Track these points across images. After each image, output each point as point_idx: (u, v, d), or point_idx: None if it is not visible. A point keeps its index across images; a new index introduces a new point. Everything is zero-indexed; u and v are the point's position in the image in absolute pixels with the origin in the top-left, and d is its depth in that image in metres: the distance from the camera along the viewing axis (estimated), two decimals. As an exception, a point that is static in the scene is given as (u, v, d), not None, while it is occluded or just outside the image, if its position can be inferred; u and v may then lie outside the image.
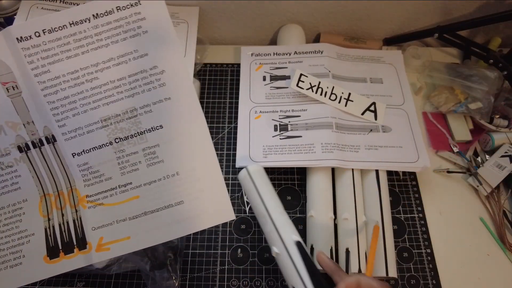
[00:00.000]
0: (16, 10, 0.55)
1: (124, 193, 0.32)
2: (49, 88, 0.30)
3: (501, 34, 0.65)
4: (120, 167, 0.32)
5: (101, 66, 0.30)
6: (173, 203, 0.32)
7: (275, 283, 0.46)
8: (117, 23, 0.30)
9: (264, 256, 0.48)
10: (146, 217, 0.32)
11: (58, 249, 0.31)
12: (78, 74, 0.30)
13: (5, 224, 0.31)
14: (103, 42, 0.30)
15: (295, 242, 0.36)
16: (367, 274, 0.38)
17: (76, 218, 0.32)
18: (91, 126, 0.31)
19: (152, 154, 0.32)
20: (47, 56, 0.29)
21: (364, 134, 0.53)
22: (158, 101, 0.31)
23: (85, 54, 0.30)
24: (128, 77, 0.31)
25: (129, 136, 0.32)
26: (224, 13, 0.63)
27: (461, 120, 0.58)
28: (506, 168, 0.52)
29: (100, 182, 0.32)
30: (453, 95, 0.58)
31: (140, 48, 0.30)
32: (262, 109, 0.56)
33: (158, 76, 0.31)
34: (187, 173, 0.32)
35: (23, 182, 0.31)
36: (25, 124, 0.30)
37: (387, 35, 0.68)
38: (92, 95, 0.30)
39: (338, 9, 0.62)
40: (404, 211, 0.51)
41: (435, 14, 0.63)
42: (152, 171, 0.32)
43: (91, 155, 0.31)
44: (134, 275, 0.46)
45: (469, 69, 0.58)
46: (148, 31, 0.30)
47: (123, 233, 0.32)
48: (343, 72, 0.59)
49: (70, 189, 0.32)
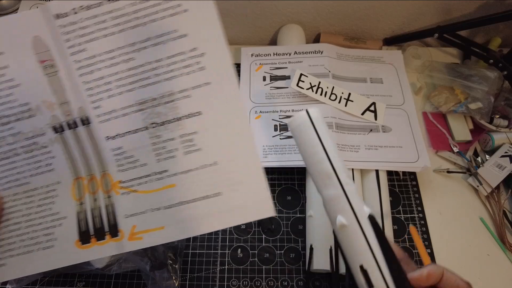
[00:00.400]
0: (16, 10, 0.55)
1: (160, 181, 0.30)
2: (84, 67, 0.29)
3: (501, 34, 0.65)
4: (155, 154, 0.30)
5: (138, 46, 0.28)
6: (211, 194, 0.30)
7: (275, 283, 0.46)
8: (156, 1, 0.28)
9: (264, 256, 0.48)
10: (182, 207, 0.30)
11: (89, 234, 0.30)
12: (114, 54, 0.29)
13: (39, 205, 0.30)
14: (140, 21, 0.28)
15: (369, 215, 0.30)
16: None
17: (109, 204, 0.30)
18: (126, 109, 0.29)
19: (189, 141, 0.30)
20: (83, 34, 0.28)
21: (364, 134, 0.53)
22: (197, 85, 0.29)
23: (122, 33, 0.28)
24: (166, 58, 0.29)
25: (166, 121, 0.30)
26: (224, 13, 0.63)
27: (461, 120, 0.58)
28: (506, 168, 0.52)
29: (134, 168, 0.30)
30: (453, 95, 0.58)
31: (179, 28, 0.28)
32: (262, 109, 0.56)
33: (198, 59, 0.29)
34: (226, 163, 0.30)
35: (57, 164, 0.30)
36: (61, 104, 0.29)
37: (387, 35, 0.68)
38: (128, 76, 0.29)
39: (338, 9, 0.62)
40: (404, 211, 0.51)
41: (435, 14, 0.63)
42: (189, 159, 0.30)
43: (125, 140, 0.30)
44: (134, 275, 0.46)
45: (469, 69, 0.58)
46: (189, 9, 0.28)
47: (157, 223, 0.30)
48: (343, 72, 0.59)
49: (103, 173, 0.30)
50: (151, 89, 0.29)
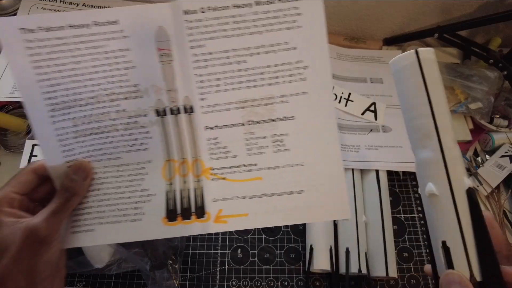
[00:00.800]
0: (16, 10, 0.55)
1: (248, 173, 0.33)
2: (200, 61, 0.31)
3: (501, 34, 0.65)
4: (247, 148, 0.33)
5: (251, 51, 0.31)
6: (294, 190, 0.33)
7: (275, 283, 0.46)
8: (276, 13, 0.31)
9: (264, 256, 0.48)
10: (266, 198, 0.32)
11: (176, 213, 0.32)
12: (229, 54, 0.31)
13: (129, 180, 0.32)
14: (258, 29, 0.31)
15: (468, 188, 0.26)
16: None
17: (198, 188, 0.32)
18: (229, 105, 0.32)
19: (279, 141, 0.33)
20: (205, 32, 0.31)
21: (364, 134, 0.53)
22: (296, 93, 0.32)
23: (239, 37, 0.31)
24: (274, 66, 0.32)
25: (261, 121, 0.33)
26: (224, 13, 0.63)
27: (461, 120, 0.58)
28: (506, 168, 0.52)
29: (226, 158, 0.33)
30: (453, 95, 0.58)
31: (291, 41, 0.31)
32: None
33: (301, 70, 0.32)
34: (311, 165, 0.33)
35: (151, 144, 0.32)
36: (168, 90, 0.31)
37: (387, 35, 0.68)
38: (237, 76, 0.32)
39: (338, 9, 0.62)
40: (404, 211, 0.51)
41: (435, 14, 0.63)
42: (278, 157, 0.33)
43: (222, 131, 0.33)
44: (134, 275, 0.46)
45: (469, 69, 0.58)
46: (302, 26, 0.31)
47: (242, 210, 0.32)
48: (343, 72, 0.59)
49: (195, 159, 0.32)
50: (255, 91, 0.32)
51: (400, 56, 0.28)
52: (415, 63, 0.27)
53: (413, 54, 0.27)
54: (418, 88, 0.27)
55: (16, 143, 0.56)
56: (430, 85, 0.27)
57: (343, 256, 0.44)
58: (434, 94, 0.27)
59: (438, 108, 0.27)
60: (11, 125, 0.55)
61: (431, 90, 0.27)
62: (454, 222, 0.26)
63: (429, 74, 0.27)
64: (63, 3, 0.58)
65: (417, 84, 0.27)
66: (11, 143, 0.56)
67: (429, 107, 0.27)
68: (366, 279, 0.45)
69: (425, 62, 0.27)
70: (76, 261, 0.43)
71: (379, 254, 0.44)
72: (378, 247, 0.44)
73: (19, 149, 0.55)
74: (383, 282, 0.46)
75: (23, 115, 0.57)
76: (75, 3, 0.58)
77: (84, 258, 0.43)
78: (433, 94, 0.27)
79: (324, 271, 0.45)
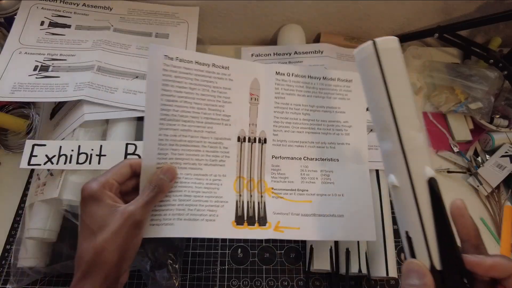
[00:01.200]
0: (16, 10, 0.55)
1: (301, 196, 0.41)
2: (279, 108, 0.42)
3: (501, 34, 0.65)
4: (301, 177, 0.42)
5: (315, 108, 0.44)
6: (336, 214, 0.41)
7: (275, 283, 0.46)
8: (335, 87, 0.44)
9: (264, 256, 0.48)
10: (314, 217, 0.40)
11: (243, 219, 0.38)
12: (299, 107, 0.43)
13: (206, 187, 0.38)
14: (321, 95, 0.44)
15: (428, 179, 0.26)
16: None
17: (261, 202, 0.40)
18: (292, 143, 0.43)
19: (326, 176, 0.43)
20: (287, 89, 0.43)
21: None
22: (341, 143, 0.43)
23: (308, 97, 0.44)
24: (328, 121, 0.44)
25: (314, 158, 0.43)
26: (224, 13, 0.63)
27: (461, 120, 0.58)
28: (506, 168, 0.52)
29: (284, 182, 0.42)
30: (453, 95, 0.58)
31: (342, 107, 0.44)
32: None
33: (347, 127, 0.44)
34: (349, 196, 0.42)
35: (228, 162, 0.39)
36: (250, 124, 0.41)
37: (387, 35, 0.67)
38: (302, 124, 0.43)
39: (338, 9, 0.62)
40: (404, 211, 0.51)
41: (435, 14, 0.63)
42: (324, 187, 0.42)
43: (283, 161, 0.42)
44: (135, 275, 0.46)
45: (469, 69, 0.58)
46: (350, 99, 0.44)
47: (295, 224, 0.40)
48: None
49: (260, 180, 0.41)
50: (312, 136, 0.43)
51: (360, 48, 0.28)
52: (373, 54, 0.27)
53: (371, 45, 0.27)
54: (376, 80, 0.27)
55: (16, 143, 0.56)
56: (388, 76, 0.26)
57: (343, 256, 0.44)
58: (394, 85, 0.26)
59: (398, 99, 0.26)
60: (11, 125, 0.55)
61: (390, 81, 0.26)
62: (414, 213, 0.26)
63: (388, 64, 0.26)
64: (63, 3, 0.58)
65: (376, 76, 0.27)
66: (11, 143, 0.56)
67: (387, 99, 0.26)
68: (366, 279, 0.45)
69: (383, 53, 0.27)
70: (76, 261, 0.43)
71: (379, 254, 0.44)
72: (378, 247, 0.44)
73: (19, 149, 0.55)
74: (383, 282, 0.46)
75: (23, 115, 0.57)
76: (75, 3, 0.58)
77: (84, 258, 0.43)
78: (392, 85, 0.26)
79: (324, 271, 0.45)
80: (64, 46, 0.53)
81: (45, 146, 0.43)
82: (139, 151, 0.44)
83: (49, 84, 0.48)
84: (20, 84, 0.48)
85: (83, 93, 0.47)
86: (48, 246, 0.44)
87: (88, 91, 0.47)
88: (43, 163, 0.42)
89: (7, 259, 0.47)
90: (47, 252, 0.44)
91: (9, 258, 0.47)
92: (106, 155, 0.44)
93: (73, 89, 0.48)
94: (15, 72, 0.49)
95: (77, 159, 0.43)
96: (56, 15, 0.56)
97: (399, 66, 0.27)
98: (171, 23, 0.59)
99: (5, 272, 0.46)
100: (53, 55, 0.52)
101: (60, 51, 0.52)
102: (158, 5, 0.61)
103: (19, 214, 0.51)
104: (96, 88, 0.48)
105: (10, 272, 0.44)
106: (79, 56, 0.52)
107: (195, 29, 0.59)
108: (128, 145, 0.45)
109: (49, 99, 0.48)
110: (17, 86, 0.48)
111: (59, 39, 0.54)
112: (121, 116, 0.48)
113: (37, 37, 0.53)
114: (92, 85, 0.48)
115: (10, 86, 0.47)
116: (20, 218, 0.50)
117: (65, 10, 0.57)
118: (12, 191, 0.52)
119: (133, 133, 0.48)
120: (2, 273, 0.46)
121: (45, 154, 0.42)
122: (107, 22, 0.57)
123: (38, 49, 0.52)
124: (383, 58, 0.27)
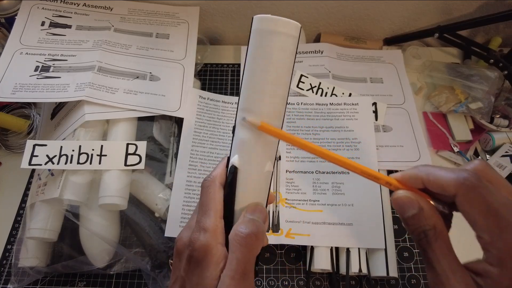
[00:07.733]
0: (17, 10, 0.55)
1: (312, 206, 0.45)
2: (290, 131, 0.49)
3: (502, 34, 0.65)
4: (313, 188, 0.46)
5: (324, 128, 0.50)
6: (345, 223, 0.44)
7: (276, 283, 0.46)
8: (342, 110, 0.51)
9: (265, 255, 0.48)
10: (324, 225, 0.44)
11: None
12: (309, 129, 0.50)
13: None
14: (329, 117, 0.51)
15: (231, 167, 0.26)
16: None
17: (275, 211, 0.45)
18: (304, 159, 0.48)
19: (337, 187, 0.46)
20: (297, 114, 0.51)
21: (365, 134, 0.54)
22: (351, 157, 0.47)
23: (317, 120, 0.51)
24: (338, 139, 0.49)
25: (326, 172, 0.47)
26: (224, 13, 0.63)
27: (462, 120, 0.58)
28: (507, 168, 0.52)
29: (297, 193, 0.46)
30: (453, 95, 0.58)
31: (350, 126, 0.50)
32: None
33: (356, 143, 0.49)
34: (359, 206, 0.45)
35: None
36: None
37: (387, 35, 0.68)
38: (320, 142, 0.49)
39: (338, 9, 0.62)
40: (405, 210, 0.51)
41: (435, 14, 0.63)
42: (335, 198, 0.46)
43: (297, 175, 0.47)
44: (135, 275, 0.46)
45: (470, 69, 0.58)
46: (358, 119, 0.50)
47: (306, 231, 0.44)
48: (343, 72, 0.59)
49: (275, 191, 0.46)
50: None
51: (276, 19, 0.23)
52: (289, 36, 0.23)
53: (297, 27, 0.24)
54: (265, 57, 0.24)
55: (17, 143, 0.56)
56: (250, 58, 0.24)
57: (343, 255, 0.44)
58: (251, 68, 0.24)
59: (249, 82, 0.24)
60: (12, 125, 0.55)
61: (248, 64, 0.24)
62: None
63: (253, 46, 0.24)
64: (63, 4, 0.58)
65: (268, 54, 0.24)
66: (12, 143, 0.56)
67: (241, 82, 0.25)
68: (366, 278, 0.45)
69: (254, 31, 0.24)
70: (77, 260, 0.43)
71: (379, 254, 0.44)
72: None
73: (20, 149, 0.55)
74: (383, 281, 0.46)
75: (24, 115, 0.57)
76: (75, 3, 0.58)
77: (85, 257, 0.43)
78: (249, 68, 0.24)
79: (325, 270, 0.45)
80: (65, 46, 0.53)
81: (46, 146, 0.43)
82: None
83: (50, 85, 0.48)
84: (21, 85, 0.48)
85: (84, 93, 0.47)
86: (49, 246, 0.44)
87: (89, 91, 0.47)
88: (44, 163, 0.42)
89: (8, 259, 0.47)
90: (48, 252, 0.44)
91: (10, 258, 0.47)
92: (106, 155, 0.44)
93: (74, 89, 0.48)
94: (16, 73, 0.49)
95: (78, 159, 0.43)
96: (56, 15, 0.56)
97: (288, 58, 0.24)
98: (171, 23, 0.59)
99: (6, 272, 0.46)
100: (54, 56, 0.52)
101: (61, 51, 0.52)
102: (158, 5, 0.61)
103: (20, 214, 0.51)
104: (97, 88, 0.48)
105: (11, 272, 0.44)
106: (80, 57, 0.52)
107: (196, 29, 0.59)
108: (128, 145, 0.45)
109: (50, 100, 0.48)
110: (18, 86, 0.48)
111: (60, 39, 0.54)
112: (122, 116, 0.48)
113: (37, 38, 0.53)
114: (93, 85, 0.48)
115: (11, 87, 0.47)
116: (21, 218, 0.50)
117: (66, 11, 0.57)
118: (13, 191, 0.52)
119: (134, 133, 0.49)
120: (3, 273, 0.46)
121: (46, 154, 0.42)
122: (107, 22, 0.58)
123: (39, 50, 0.52)
124: (253, 37, 0.24)
